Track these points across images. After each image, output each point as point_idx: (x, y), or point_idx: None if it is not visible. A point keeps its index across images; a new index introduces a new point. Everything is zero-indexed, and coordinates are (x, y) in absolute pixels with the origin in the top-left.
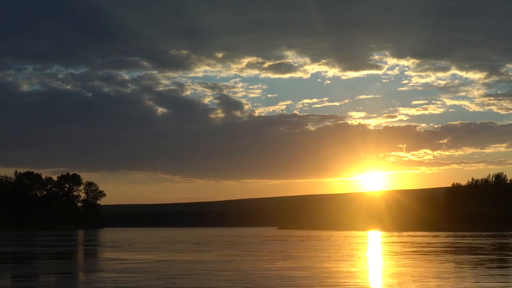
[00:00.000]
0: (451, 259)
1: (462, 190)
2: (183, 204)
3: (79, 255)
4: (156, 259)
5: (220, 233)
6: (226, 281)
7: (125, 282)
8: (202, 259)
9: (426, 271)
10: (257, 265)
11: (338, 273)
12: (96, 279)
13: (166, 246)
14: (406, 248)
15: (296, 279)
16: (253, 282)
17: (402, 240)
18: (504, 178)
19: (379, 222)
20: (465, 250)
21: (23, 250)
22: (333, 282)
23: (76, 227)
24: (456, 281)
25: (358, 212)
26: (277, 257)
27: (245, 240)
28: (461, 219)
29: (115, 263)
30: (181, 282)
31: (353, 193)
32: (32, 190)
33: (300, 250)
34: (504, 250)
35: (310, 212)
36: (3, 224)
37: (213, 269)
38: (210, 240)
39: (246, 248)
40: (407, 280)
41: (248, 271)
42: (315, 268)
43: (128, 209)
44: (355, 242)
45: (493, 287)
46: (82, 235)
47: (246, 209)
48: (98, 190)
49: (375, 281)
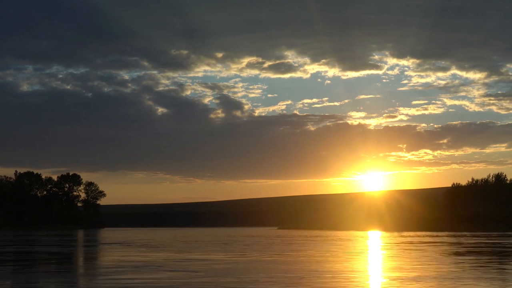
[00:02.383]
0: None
1: (462, 190)
2: (183, 204)
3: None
4: (237, 259)
5: (228, 233)
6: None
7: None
8: (266, 259)
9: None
10: (323, 265)
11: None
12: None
13: (200, 245)
14: (462, 249)
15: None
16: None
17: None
18: (504, 178)
19: (379, 222)
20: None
21: (64, 250)
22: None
23: (76, 227)
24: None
25: (358, 212)
26: (331, 257)
27: (267, 240)
28: (461, 219)
29: (200, 264)
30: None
31: (353, 193)
32: (32, 190)
33: (338, 250)
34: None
35: (310, 212)
36: (3, 224)
37: (296, 271)
38: (229, 240)
39: (282, 248)
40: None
41: (331, 272)
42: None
43: (128, 209)
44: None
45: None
46: (88, 235)
47: (246, 209)
48: (98, 190)
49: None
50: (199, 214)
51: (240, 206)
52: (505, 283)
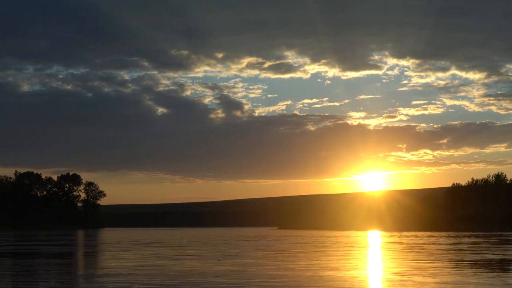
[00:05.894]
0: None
1: (462, 190)
2: (183, 204)
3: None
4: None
5: (234, 234)
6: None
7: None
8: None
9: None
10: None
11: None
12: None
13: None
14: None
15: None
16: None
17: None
18: (504, 178)
19: (379, 222)
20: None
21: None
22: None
23: (76, 227)
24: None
25: (358, 212)
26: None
27: (287, 240)
28: (461, 219)
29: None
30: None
31: (353, 193)
32: (32, 190)
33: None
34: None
35: (310, 212)
36: (3, 224)
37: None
38: (241, 240)
39: (320, 250)
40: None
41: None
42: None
43: (128, 209)
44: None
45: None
46: (89, 235)
47: (246, 209)
48: (98, 190)
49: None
50: (199, 214)
51: (240, 206)
52: (505, 283)
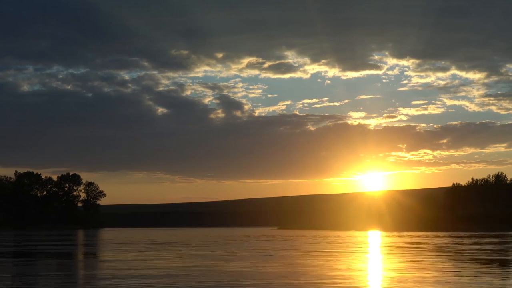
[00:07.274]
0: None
1: (462, 190)
2: (183, 204)
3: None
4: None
5: (239, 234)
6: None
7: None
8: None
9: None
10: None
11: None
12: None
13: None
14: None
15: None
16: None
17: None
18: (504, 178)
19: (379, 222)
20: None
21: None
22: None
23: (76, 227)
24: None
25: (358, 212)
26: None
27: (299, 240)
28: (461, 219)
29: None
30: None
31: (353, 193)
32: (32, 190)
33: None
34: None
35: (310, 212)
36: (3, 224)
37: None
38: (251, 240)
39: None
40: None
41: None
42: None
43: (128, 209)
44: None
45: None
46: (89, 235)
47: (246, 209)
48: (98, 190)
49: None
50: (199, 214)
51: (240, 206)
52: (505, 283)
